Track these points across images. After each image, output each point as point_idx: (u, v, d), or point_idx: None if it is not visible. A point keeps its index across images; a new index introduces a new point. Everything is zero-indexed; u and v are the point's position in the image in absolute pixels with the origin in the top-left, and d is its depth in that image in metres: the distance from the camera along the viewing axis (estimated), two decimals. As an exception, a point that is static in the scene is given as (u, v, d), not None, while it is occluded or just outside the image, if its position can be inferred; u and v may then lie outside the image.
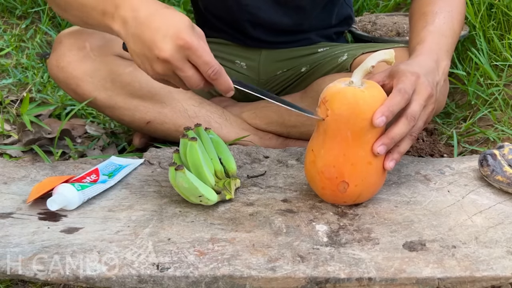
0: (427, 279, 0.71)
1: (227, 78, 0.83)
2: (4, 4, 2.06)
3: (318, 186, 0.86)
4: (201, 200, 0.85)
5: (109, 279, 0.70)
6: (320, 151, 0.83)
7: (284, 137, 1.22)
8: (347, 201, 0.86)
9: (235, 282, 0.71)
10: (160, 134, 1.19)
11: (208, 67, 0.80)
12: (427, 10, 1.01)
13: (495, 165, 0.91)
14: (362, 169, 0.83)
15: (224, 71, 0.82)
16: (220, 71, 0.81)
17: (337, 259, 0.73)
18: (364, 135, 0.81)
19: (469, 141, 1.28)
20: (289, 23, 1.22)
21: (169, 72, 0.82)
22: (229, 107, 1.26)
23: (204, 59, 0.80)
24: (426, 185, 0.94)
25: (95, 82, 1.10)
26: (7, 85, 1.61)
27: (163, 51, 0.79)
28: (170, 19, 0.81)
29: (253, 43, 1.25)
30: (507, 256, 0.74)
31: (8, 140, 1.29)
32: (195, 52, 0.79)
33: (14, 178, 0.96)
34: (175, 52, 0.79)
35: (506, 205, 0.87)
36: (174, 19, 0.81)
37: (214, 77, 0.81)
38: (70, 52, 1.09)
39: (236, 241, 0.77)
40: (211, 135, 0.96)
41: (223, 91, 0.84)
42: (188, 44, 0.79)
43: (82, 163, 1.03)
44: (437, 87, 0.90)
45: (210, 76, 0.81)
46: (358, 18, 1.76)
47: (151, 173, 0.99)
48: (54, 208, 0.83)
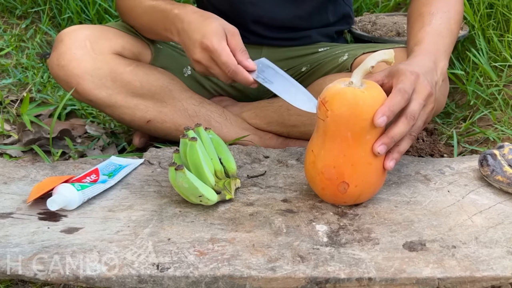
0: (427, 279, 0.71)
1: (245, 75, 0.97)
2: (4, 4, 2.06)
3: (318, 186, 0.86)
4: (201, 200, 0.85)
5: (109, 279, 0.70)
6: (320, 152, 0.83)
7: (284, 137, 1.22)
8: (347, 201, 0.86)
9: (235, 282, 0.71)
10: (160, 133, 1.19)
11: (225, 67, 0.96)
12: (424, 10, 1.01)
13: (495, 165, 0.91)
14: (362, 169, 0.83)
15: (240, 69, 0.96)
16: (236, 70, 0.96)
17: (337, 259, 0.73)
18: (364, 136, 0.81)
19: (469, 141, 1.28)
20: (289, 15, 1.22)
21: (204, 70, 1.00)
22: (229, 106, 1.26)
23: (222, 60, 0.95)
24: (426, 185, 0.94)
25: (96, 80, 1.10)
26: (7, 85, 1.61)
27: (194, 53, 0.98)
28: (202, 26, 0.98)
29: (254, 39, 1.25)
30: (507, 256, 0.74)
31: (8, 140, 1.29)
32: (214, 54, 0.96)
33: (14, 178, 0.96)
34: (202, 54, 0.97)
35: (506, 205, 0.87)
36: (204, 26, 0.98)
37: (232, 75, 0.97)
38: (71, 51, 1.09)
39: (236, 241, 0.77)
40: (211, 135, 0.96)
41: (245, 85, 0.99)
42: (209, 47, 0.96)
43: (82, 163, 1.03)
44: (436, 87, 0.90)
45: (228, 74, 0.97)
46: (358, 18, 1.76)
47: (151, 173, 0.99)
48: (54, 208, 0.83)
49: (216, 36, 0.96)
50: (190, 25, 0.99)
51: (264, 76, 0.99)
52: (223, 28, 0.98)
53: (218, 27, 0.98)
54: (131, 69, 1.13)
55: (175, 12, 1.03)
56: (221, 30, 0.97)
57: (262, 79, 0.98)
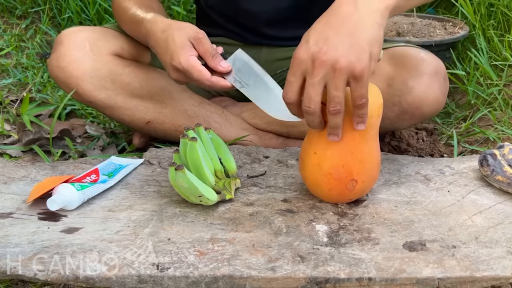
0: (427, 279, 0.71)
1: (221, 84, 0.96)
2: (4, 4, 2.06)
3: (325, 188, 0.85)
4: (201, 200, 0.85)
5: (109, 279, 0.70)
6: (326, 153, 0.83)
7: (284, 137, 1.22)
8: (352, 198, 0.87)
9: (235, 282, 0.71)
10: (160, 134, 1.19)
11: (199, 84, 0.96)
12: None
13: (495, 165, 0.91)
14: (368, 165, 0.84)
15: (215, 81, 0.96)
16: (211, 84, 0.96)
17: (337, 259, 0.73)
18: (369, 132, 0.83)
19: (469, 141, 1.28)
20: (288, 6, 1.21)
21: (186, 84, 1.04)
22: (229, 106, 1.26)
23: (194, 78, 0.95)
24: (426, 185, 0.94)
25: (95, 82, 1.10)
26: (7, 85, 1.61)
27: (170, 74, 0.99)
28: (167, 46, 0.97)
29: (254, 39, 1.25)
30: (507, 256, 0.74)
31: (8, 140, 1.29)
32: (185, 73, 0.96)
33: (14, 178, 0.96)
34: (176, 74, 0.98)
35: (506, 205, 0.87)
36: (169, 46, 0.97)
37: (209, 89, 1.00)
38: (70, 52, 1.09)
39: (236, 241, 0.77)
40: (211, 135, 0.96)
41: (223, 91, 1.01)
42: (178, 69, 0.96)
43: (82, 163, 1.03)
44: (368, 35, 0.75)
45: (206, 88, 0.99)
46: (358, 18, 1.76)
47: (151, 173, 0.99)
48: (54, 208, 0.83)
49: (183, 54, 0.95)
50: (158, 46, 0.99)
51: (240, 77, 0.98)
52: (188, 38, 0.96)
53: (182, 42, 0.96)
54: (130, 70, 1.13)
55: (146, 28, 1.02)
56: (186, 44, 0.96)
57: (239, 83, 0.98)
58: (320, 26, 0.77)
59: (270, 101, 0.97)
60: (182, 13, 1.95)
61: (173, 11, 1.99)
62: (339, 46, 0.74)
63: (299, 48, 0.77)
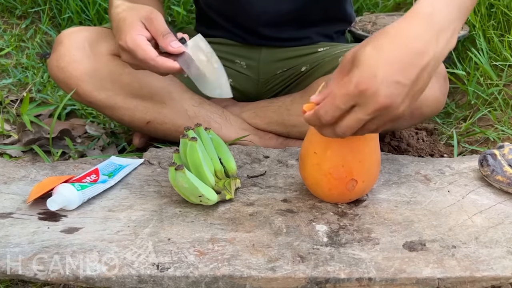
0: (427, 279, 0.71)
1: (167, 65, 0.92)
2: (4, 4, 2.06)
3: (325, 188, 0.86)
4: (201, 200, 0.85)
5: (109, 279, 0.70)
6: (326, 153, 0.83)
7: (284, 137, 1.22)
8: (353, 197, 0.87)
9: (235, 282, 0.71)
10: (160, 134, 1.19)
11: (144, 64, 0.93)
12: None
13: (495, 165, 0.91)
14: (368, 164, 0.84)
15: (160, 62, 0.91)
16: (156, 64, 0.91)
17: (337, 259, 0.73)
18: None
19: (469, 141, 1.28)
20: (289, 8, 1.21)
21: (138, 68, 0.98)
22: (229, 106, 1.26)
23: (139, 58, 0.92)
24: (426, 185, 0.94)
25: (95, 82, 1.10)
26: (7, 85, 1.61)
27: (121, 56, 0.96)
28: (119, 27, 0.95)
29: (253, 39, 1.25)
30: (507, 256, 0.74)
31: (8, 140, 1.29)
32: (131, 54, 0.93)
33: (14, 178, 0.96)
34: (124, 56, 0.95)
35: (506, 205, 0.87)
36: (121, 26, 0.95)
37: (154, 71, 0.94)
38: (70, 53, 1.09)
39: (236, 241, 0.77)
40: (211, 135, 0.96)
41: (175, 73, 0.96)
42: (124, 48, 0.93)
43: (82, 163, 1.03)
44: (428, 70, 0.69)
45: (151, 71, 0.94)
46: (358, 18, 1.76)
47: (151, 173, 0.99)
48: (54, 208, 0.83)
49: (130, 33, 0.92)
50: (114, 30, 0.98)
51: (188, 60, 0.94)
52: (139, 18, 0.94)
53: (132, 22, 0.93)
54: (130, 70, 1.12)
55: (109, 15, 1.02)
56: (136, 24, 0.93)
57: (186, 66, 0.94)
58: (391, 58, 0.67)
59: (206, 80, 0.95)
60: (182, 13, 1.95)
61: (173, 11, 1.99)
62: (406, 103, 0.69)
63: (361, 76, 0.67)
